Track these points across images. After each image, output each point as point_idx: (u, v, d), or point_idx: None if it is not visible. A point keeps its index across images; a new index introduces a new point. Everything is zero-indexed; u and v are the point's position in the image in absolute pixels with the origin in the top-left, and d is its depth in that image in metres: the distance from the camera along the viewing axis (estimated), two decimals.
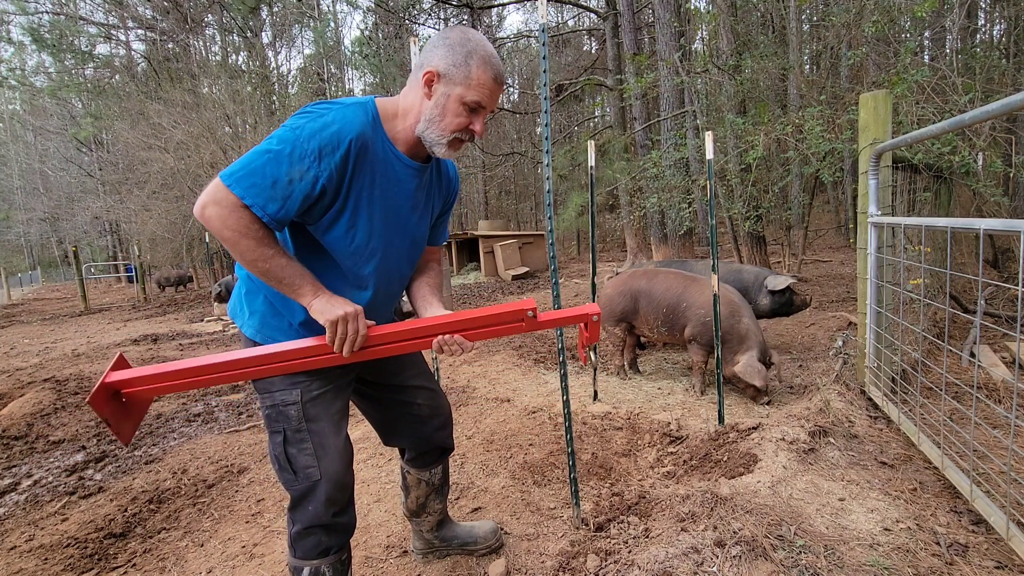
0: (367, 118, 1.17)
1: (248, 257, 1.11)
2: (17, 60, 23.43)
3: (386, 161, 1.21)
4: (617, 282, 3.86)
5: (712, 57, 7.50)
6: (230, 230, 1.09)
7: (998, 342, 3.53)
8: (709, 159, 2.73)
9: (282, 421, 1.26)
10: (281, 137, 1.10)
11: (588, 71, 15.45)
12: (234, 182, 1.07)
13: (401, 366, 1.55)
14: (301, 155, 1.09)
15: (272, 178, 1.08)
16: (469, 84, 1.16)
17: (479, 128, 1.22)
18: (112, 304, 12.85)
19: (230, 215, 1.08)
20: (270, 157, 1.08)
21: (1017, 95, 1.37)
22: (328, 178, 1.12)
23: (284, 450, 1.26)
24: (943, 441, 1.87)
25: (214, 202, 1.08)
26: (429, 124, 1.19)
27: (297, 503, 1.28)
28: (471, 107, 1.19)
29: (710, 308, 3.18)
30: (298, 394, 1.26)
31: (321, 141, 1.10)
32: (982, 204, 4.45)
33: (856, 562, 1.39)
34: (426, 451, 1.64)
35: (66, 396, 4.22)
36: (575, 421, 2.93)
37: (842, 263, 8.95)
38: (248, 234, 1.09)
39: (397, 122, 1.23)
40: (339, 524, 1.31)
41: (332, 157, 1.11)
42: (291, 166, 1.09)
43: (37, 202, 27.76)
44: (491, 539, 1.82)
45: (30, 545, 2.10)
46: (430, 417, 1.59)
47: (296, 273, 1.14)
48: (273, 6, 21.64)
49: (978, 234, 1.94)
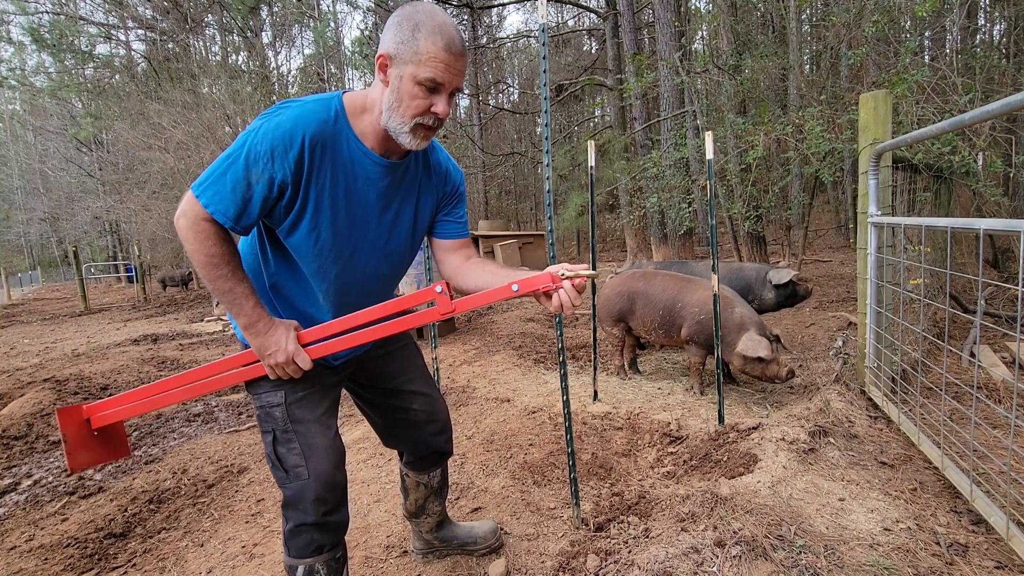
0: (327, 115, 1.12)
1: (204, 275, 1.13)
2: (17, 60, 23.43)
3: (351, 159, 1.16)
4: (615, 283, 3.88)
5: (712, 57, 7.51)
6: (190, 244, 1.11)
7: (998, 342, 3.53)
8: (709, 159, 2.73)
9: (270, 422, 1.28)
10: (240, 140, 1.09)
11: (588, 71, 15.45)
12: (201, 191, 1.09)
13: (399, 368, 1.53)
14: (255, 157, 1.07)
15: (232, 183, 1.08)
16: (419, 60, 1.07)
17: (442, 109, 1.12)
18: (112, 304, 12.85)
19: (194, 226, 1.10)
20: (230, 162, 1.08)
21: (1017, 95, 1.37)
22: (283, 178, 1.10)
23: (274, 449, 1.28)
24: (943, 441, 1.87)
25: (182, 214, 1.10)
26: (390, 113, 1.12)
27: (289, 501, 1.29)
28: (428, 86, 1.09)
29: (704, 306, 3.20)
30: (282, 396, 1.27)
31: (273, 141, 1.07)
32: (982, 204, 4.45)
33: (856, 562, 1.39)
34: (424, 455, 1.63)
35: (66, 396, 4.22)
36: (575, 421, 2.93)
37: (842, 263, 8.94)
38: (203, 251, 1.10)
39: (365, 116, 1.17)
40: (331, 523, 1.31)
41: (285, 157, 1.08)
42: (247, 169, 1.08)
43: (37, 202, 27.75)
44: (491, 539, 1.82)
45: (30, 545, 2.10)
46: (426, 423, 1.57)
47: (236, 300, 1.14)
48: (273, 6, 21.62)
49: (978, 234, 1.94)
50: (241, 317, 1.15)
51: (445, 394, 3.65)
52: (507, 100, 26.64)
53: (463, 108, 22.27)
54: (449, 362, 4.53)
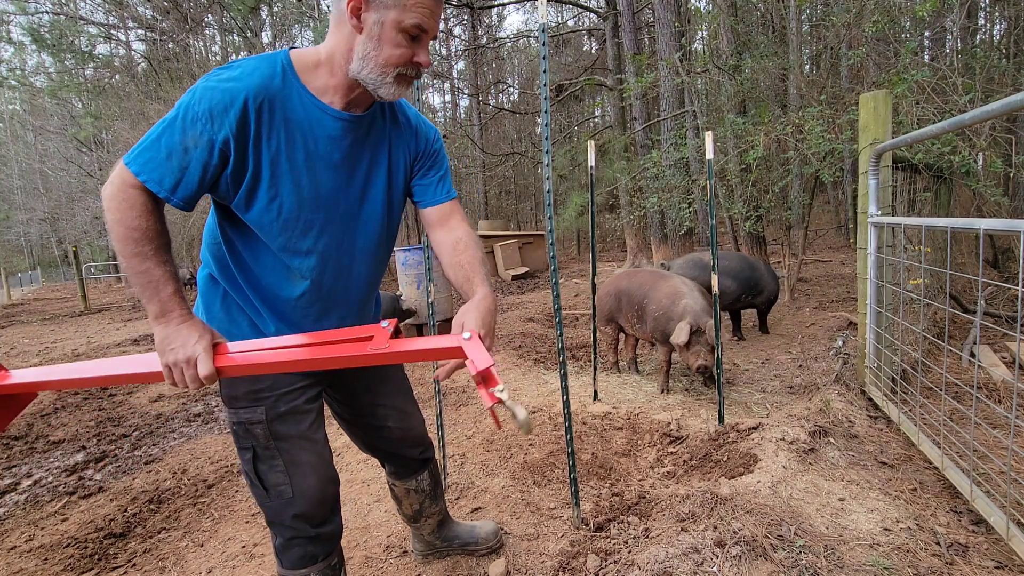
0: (272, 70, 1.02)
1: (118, 249, 0.97)
2: (17, 60, 23.43)
3: (307, 118, 1.05)
4: (607, 283, 4.03)
5: (712, 57, 7.51)
6: (111, 215, 0.96)
7: (998, 342, 3.53)
8: (709, 159, 2.73)
9: (249, 439, 1.18)
10: (178, 104, 0.98)
11: (588, 71, 15.45)
12: (133, 158, 0.97)
13: (373, 381, 1.42)
14: (193, 119, 0.96)
15: (167, 149, 0.97)
16: (404, 4, 0.97)
17: (424, 59, 1.04)
18: (112, 304, 12.84)
19: (118, 194, 0.96)
20: (165, 127, 0.97)
21: (1017, 95, 1.37)
22: (224, 141, 0.98)
23: (254, 467, 1.18)
24: (943, 441, 1.87)
25: (109, 182, 0.97)
26: (364, 61, 1.01)
27: (272, 520, 1.23)
28: (411, 33, 1.00)
29: (661, 304, 3.35)
30: (262, 412, 1.17)
31: (211, 101, 0.96)
32: (982, 204, 4.45)
33: (856, 562, 1.39)
34: (405, 465, 1.57)
35: (66, 396, 4.22)
36: (575, 421, 2.93)
37: (842, 263, 8.95)
38: (123, 222, 0.96)
39: (321, 71, 1.06)
40: (323, 534, 1.25)
41: (225, 116, 0.97)
42: (184, 132, 0.96)
43: (37, 202, 27.74)
44: (492, 539, 1.81)
45: (30, 545, 2.11)
46: (400, 440, 1.49)
47: (149, 284, 0.99)
48: (273, 6, 21.61)
49: (978, 234, 1.94)
50: (153, 304, 0.99)
51: (445, 394, 3.65)
52: (507, 100, 26.64)
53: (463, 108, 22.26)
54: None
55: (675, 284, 3.42)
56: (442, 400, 2.44)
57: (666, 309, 3.30)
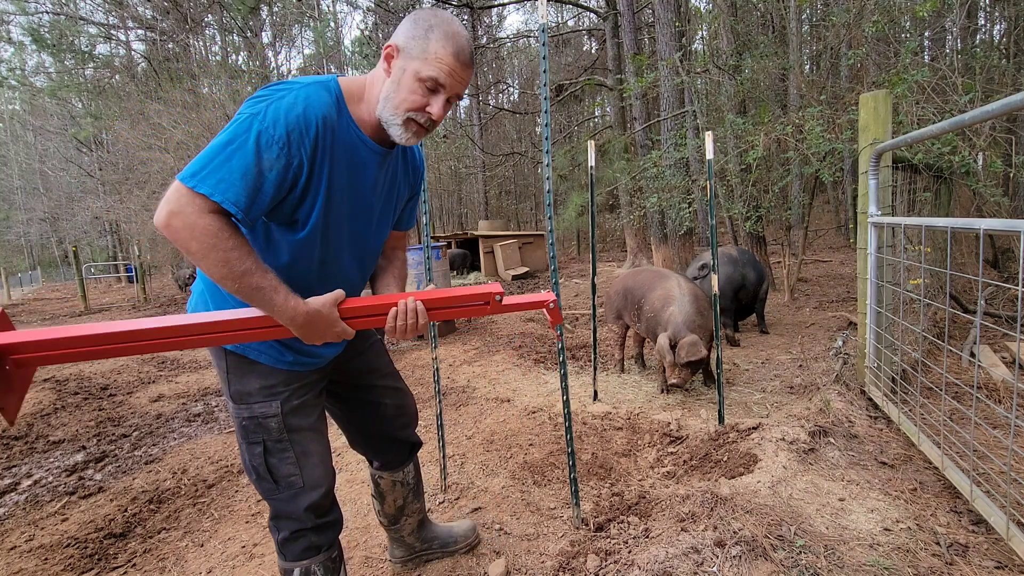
0: (331, 98, 1.08)
1: (221, 274, 0.97)
2: (17, 60, 23.42)
3: (352, 146, 1.12)
4: (616, 281, 4.14)
5: (712, 57, 7.51)
6: (198, 243, 0.95)
7: (998, 342, 3.53)
8: (709, 159, 2.73)
9: (261, 432, 1.21)
10: (242, 126, 0.98)
11: (588, 71, 15.45)
12: (199, 181, 0.94)
13: (370, 366, 1.53)
14: (268, 142, 0.98)
15: (241, 171, 0.97)
16: (426, 58, 1.07)
17: (436, 111, 1.10)
18: (112, 304, 12.84)
19: (198, 221, 0.94)
20: (235, 147, 0.97)
21: (1017, 95, 1.37)
22: (299, 165, 1.03)
23: (264, 460, 1.22)
24: (943, 441, 1.87)
25: (177, 211, 0.94)
26: (385, 102, 1.11)
27: (280, 512, 1.26)
28: (428, 85, 1.08)
29: (654, 306, 3.41)
30: (277, 406, 1.21)
31: (288, 125, 1.00)
32: (982, 204, 4.45)
33: (856, 562, 1.39)
34: (395, 451, 1.63)
35: (66, 396, 4.23)
36: (575, 421, 2.93)
37: (842, 263, 8.95)
38: (219, 247, 0.95)
39: (362, 105, 1.14)
40: (327, 523, 1.31)
41: (302, 143, 1.02)
42: (258, 155, 0.98)
43: (37, 202, 27.76)
44: (470, 536, 1.85)
45: (30, 545, 2.11)
46: (396, 417, 1.59)
47: (267, 300, 1.02)
48: (273, 6, 21.62)
49: (978, 234, 1.94)
50: (277, 312, 1.02)
51: (445, 394, 3.65)
52: (507, 100, 26.65)
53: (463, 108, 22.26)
54: (449, 362, 4.53)
55: (669, 287, 3.43)
56: (442, 400, 2.44)
57: (657, 312, 3.36)
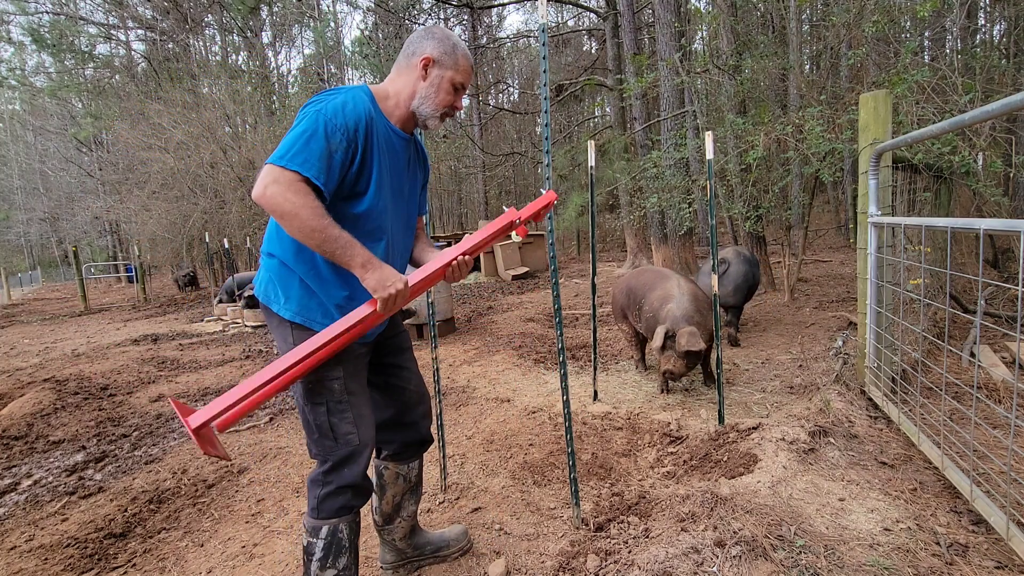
0: (368, 99, 1.38)
1: (308, 227, 1.21)
2: (17, 60, 23.41)
3: (387, 136, 1.42)
4: (620, 280, 4.13)
5: (712, 57, 7.50)
6: (290, 203, 1.20)
7: (998, 342, 3.53)
8: (709, 159, 2.73)
9: (325, 394, 1.38)
10: (312, 120, 1.26)
11: (588, 71, 15.45)
12: (287, 161, 1.22)
13: (401, 348, 1.68)
14: (333, 130, 1.27)
15: (318, 152, 1.24)
16: (458, 69, 1.44)
17: (461, 105, 1.50)
18: (112, 304, 12.85)
19: (289, 188, 1.21)
20: (309, 135, 1.25)
21: (1017, 95, 1.37)
22: (354, 147, 1.31)
23: (328, 419, 1.38)
24: (943, 441, 1.87)
25: (273, 181, 1.21)
26: (424, 101, 1.43)
27: (336, 466, 1.40)
28: (456, 87, 1.45)
29: (653, 306, 3.41)
30: (341, 370, 1.39)
31: (346, 117, 1.29)
32: (982, 204, 4.45)
33: (856, 562, 1.39)
34: (409, 442, 1.68)
35: (66, 396, 4.22)
36: (575, 421, 2.93)
37: (842, 263, 8.95)
38: (307, 205, 1.21)
39: (390, 102, 1.45)
40: (365, 485, 1.45)
41: (357, 130, 1.31)
42: (328, 140, 1.26)
43: (37, 202, 27.75)
44: (462, 540, 1.85)
45: (30, 545, 2.10)
46: (417, 404, 1.70)
47: (347, 243, 1.25)
48: (273, 6, 21.63)
49: (978, 234, 1.94)
50: (357, 257, 1.27)
51: (445, 394, 3.65)
52: (507, 100, 26.64)
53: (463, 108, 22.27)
54: (449, 362, 4.53)
55: (669, 287, 3.43)
56: (442, 400, 2.44)
57: (656, 311, 3.36)
